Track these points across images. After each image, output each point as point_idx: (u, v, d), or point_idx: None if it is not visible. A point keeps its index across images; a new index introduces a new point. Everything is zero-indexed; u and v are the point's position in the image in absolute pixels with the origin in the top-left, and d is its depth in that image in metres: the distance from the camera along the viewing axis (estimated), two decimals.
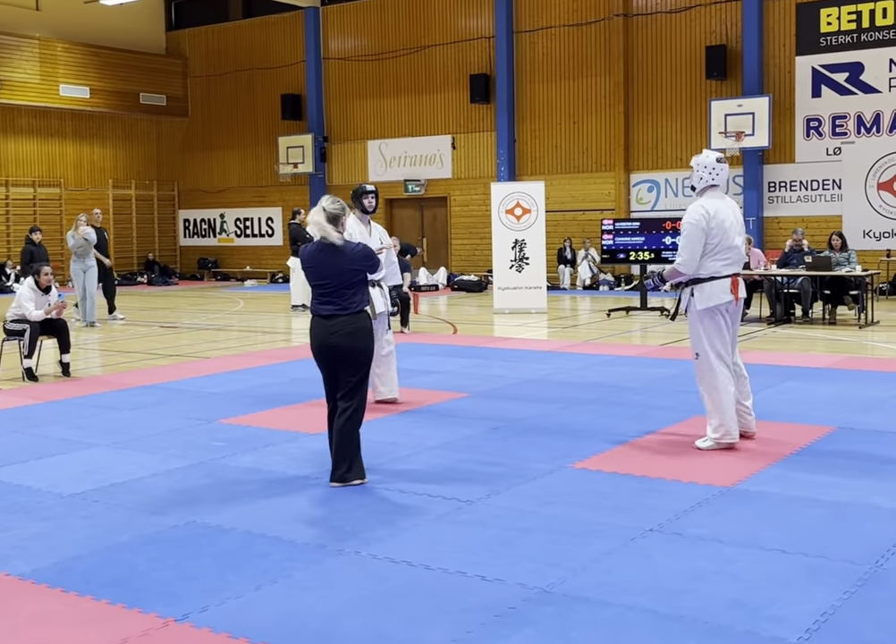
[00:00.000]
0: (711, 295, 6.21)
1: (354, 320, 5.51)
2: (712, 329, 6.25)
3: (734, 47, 19.13)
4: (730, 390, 6.25)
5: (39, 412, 8.01)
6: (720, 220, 6.18)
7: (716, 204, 6.24)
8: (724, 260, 6.24)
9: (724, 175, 6.31)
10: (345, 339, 5.48)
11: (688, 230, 6.19)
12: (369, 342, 5.59)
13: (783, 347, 11.27)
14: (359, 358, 5.53)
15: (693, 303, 6.28)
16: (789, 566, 4.18)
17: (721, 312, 6.26)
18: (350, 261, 5.49)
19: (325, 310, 5.55)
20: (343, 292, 5.50)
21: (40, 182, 24.38)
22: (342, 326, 5.49)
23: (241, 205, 26.30)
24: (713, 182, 6.32)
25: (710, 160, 6.32)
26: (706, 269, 6.22)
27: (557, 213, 20.91)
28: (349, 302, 5.51)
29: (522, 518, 4.90)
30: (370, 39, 23.45)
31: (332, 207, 5.56)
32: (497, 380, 9.13)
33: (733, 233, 6.25)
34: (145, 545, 4.63)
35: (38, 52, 23.40)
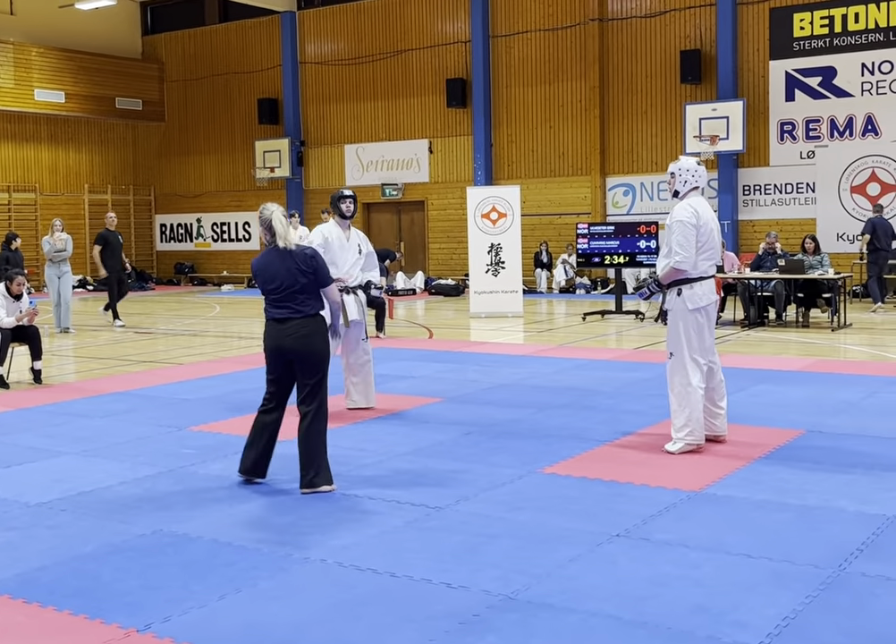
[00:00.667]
0: (702, 295, 6.29)
1: (308, 323, 5.54)
2: (694, 329, 6.29)
3: (708, 52, 19.25)
4: (699, 393, 6.29)
5: (9, 420, 7.95)
6: (706, 219, 6.31)
7: (701, 203, 6.38)
8: (710, 260, 6.37)
9: (705, 178, 6.51)
10: (299, 342, 5.50)
11: (680, 228, 6.25)
12: (324, 345, 5.60)
13: (756, 350, 11.34)
14: (314, 361, 5.55)
15: (681, 303, 6.32)
16: (753, 571, 4.20)
17: (707, 312, 6.34)
18: (297, 263, 5.51)
19: (278, 314, 5.57)
20: (295, 295, 5.52)
21: (15, 187, 24.22)
22: (295, 329, 5.51)
23: (218, 209, 26.21)
24: (696, 184, 6.46)
25: (692, 164, 6.48)
26: (697, 269, 6.29)
27: (534, 217, 20.97)
28: (302, 305, 5.53)
29: (490, 524, 4.91)
30: (347, 44, 23.44)
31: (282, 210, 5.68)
32: (471, 385, 9.14)
33: (715, 232, 6.40)
34: (110, 554, 4.61)
35: (13, 56, 23.25)
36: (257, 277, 5.70)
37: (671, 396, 6.39)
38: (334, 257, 7.78)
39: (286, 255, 5.54)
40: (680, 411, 6.30)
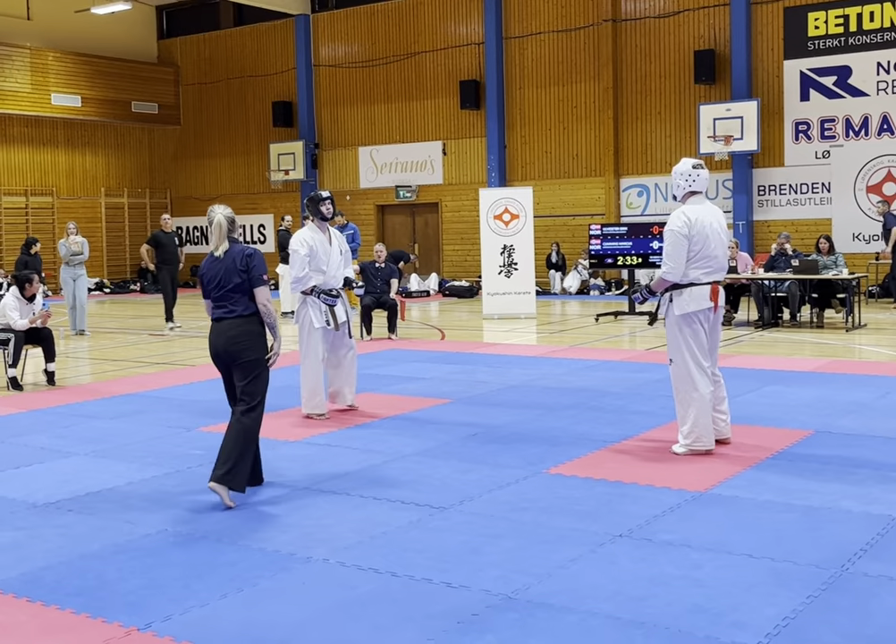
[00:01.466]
0: (690, 301, 6.22)
1: (241, 323, 5.45)
2: (689, 335, 6.25)
3: (722, 52, 19.18)
4: (705, 398, 6.25)
5: (22, 421, 8.02)
6: (700, 227, 6.18)
7: (698, 211, 6.23)
8: (706, 268, 6.23)
9: (703, 181, 6.28)
10: (230, 342, 5.43)
11: (670, 238, 6.19)
12: (256, 345, 5.46)
13: (769, 351, 11.29)
14: (245, 361, 5.43)
15: (671, 309, 6.29)
16: (754, 571, 4.18)
17: (699, 319, 6.26)
18: (234, 261, 5.45)
19: (216, 314, 5.53)
20: (230, 294, 5.45)
21: (32, 190, 24.39)
22: (226, 329, 5.45)
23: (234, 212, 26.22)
24: (691, 189, 6.31)
25: (686, 167, 6.30)
26: (686, 277, 6.22)
27: (547, 218, 20.95)
28: (235, 305, 5.46)
29: (492, 524, 4.91)
30: (361, 46, 23.50)
31: (227, 212, 5.58)
32: (481, 386, 9.14)
33: (714, 241, 6.23)
34: (115, 554, 4.64)
35: (30, 61, 23.43)
36: (200, 278, 5.61)
37: (676, 401, 6.37)
38: (320, 263, 7.69)
39: (225, 256, 5.49)
40: (687, 418, 6.27)
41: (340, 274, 7.89)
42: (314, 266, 7.68)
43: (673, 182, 6.39)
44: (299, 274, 7.66)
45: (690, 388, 6.24)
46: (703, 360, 6.27)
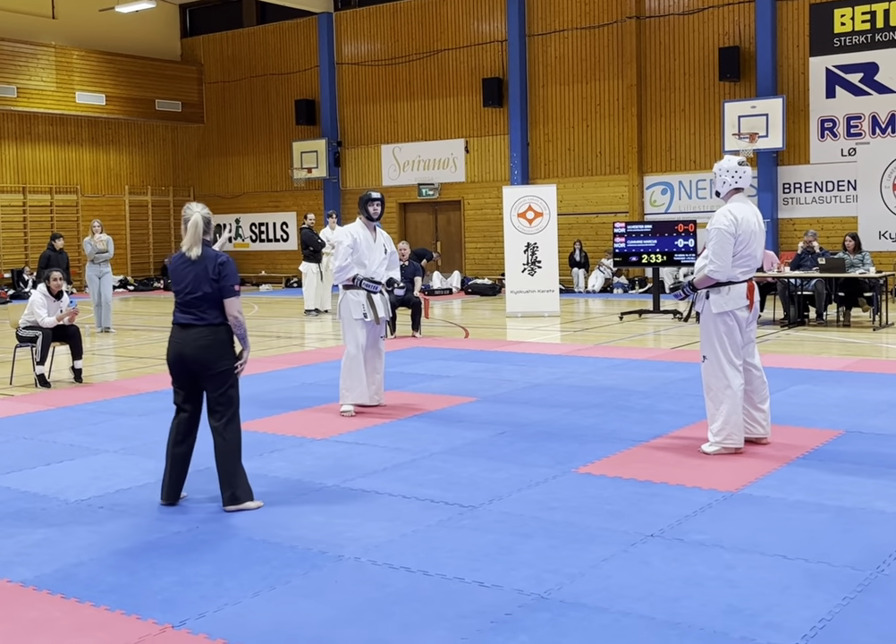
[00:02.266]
0: (728, 300, 6.20)
1: (211, 332, 5.26)
2: (724, 332, 6.23)
3: (747, 49, 19.06)
4: (737, 395, 6.22)
5: (50, 418, 8.07)
6: (746, 226, 6.17)
7: (743, 209, 6.22)
8: (744, 267, 6.23)
9: (747, 178, 6.31)
10: (201, 351, 5.23)
11: (717, 236, 6.16)
12: (228, 355, 5.30)
13: (796, 350, 11.22)
14: (219, 372, 5.27)
15: (708, 306, 6.27)
16: (789, 572, 4.15)
17: (735, 316, 6.24)
18: (206, 269, 5.23)
19: (183, 319, 5.31)
20: (199, 302, 5.24)
21: (57, 188, 24.55)
22: (196, 338, 5.25)
23: (256, 210, 26.40)
24: (737, 185, 6.31)
25: (732, 164, 6.31)
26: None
27: (570, 216, 20.90)
28: (205, 313, 5.25)
29: (523, 523, 4.90)
30: (383, 44, 23.50)
31: (205, 212, 5.32)
32: (506, 384, 9.13)
33: (755, 241, 6.24)
34: (147, 551, 4.66)
35: (55, 60, 23.58)
36: (170, 276, 5.46)
37: (706, 399, 6.33)
38: (362, 257, 7.87)
39: (197, 260, 5.26)
40: (718, 416, 6.24)
41: (382, 271, 7.98)
42: (356, 259, 7.81)
43: (718, 178, 6.36)
44: (342, 263, 7.79)
45: (723, 385, 6.20)
46: (735, 358, 6.23)
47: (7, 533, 4.98)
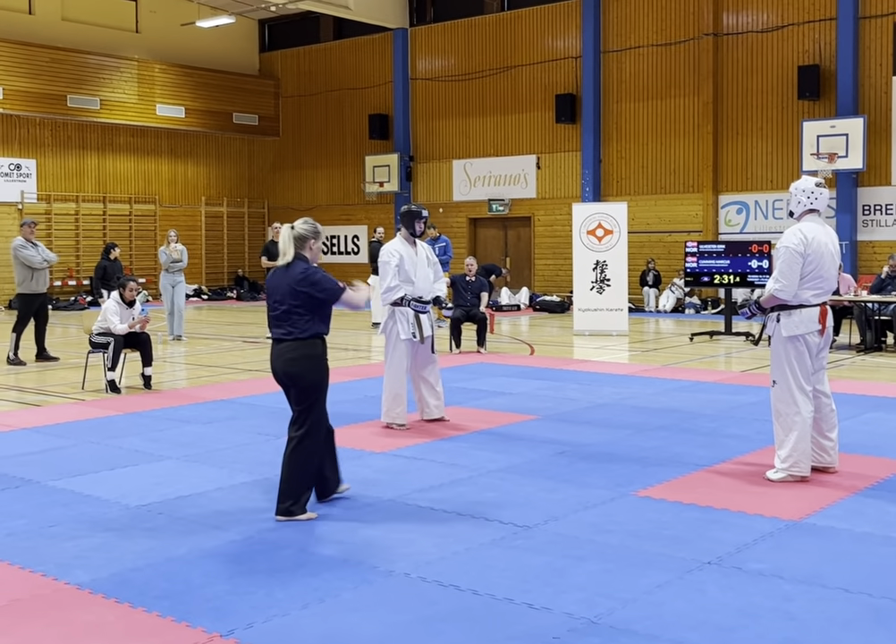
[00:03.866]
0: (799, 323, 6.06)
1: (297, 347, 5.30)
2: (794, 357, 6.08)
3: (828, 67, 18.70)
4: (807, 422, 6.06)
5: (118, 424, 8.22)
6: (816, 246, 6.03)
7: (815, 229, 6.09)
8: (816, 289, 6.08)
9: (824, 200, 6.18)
10: (287, 365, 5.32)
11: (785, 255, 6.05)
12: (313, 370, 5.33)
13: (871, 376, 10.92)
14: (301, 386, 5.33)
15: (778, 330, 6.13)
16: (850, 606, 4.02)
17: (805, 341, 6.09)
18: (291, 282, 5.29)
19: (274, 334, 5.41)
20: (287, 315, 5.31)
21: (136, 198, 25.13)
22: (283, 352, 5.34)
23: (329, 223, 26.64)
24: (811, 207, 6.18)
25: (809, 184, 6.20)
26: (797, 298, 6.07)
27: (643, 234, 20.69)
28: (292, 327, 5.30)
29: (578, 546, 4.83)
30: (457, 60, 23.61)
31: (301, 228, 5.40)
32: (569, 403, 9.04)
33: (828, 262, 6.09)
34: (202, 558, 4.70)
35: (137, 73, 24.19)
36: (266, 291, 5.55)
37: (775, 424, 6.18)
38: (409, 274, 7.85)
39: (284, 272, 5.35)
40: (786, 443, 6.09)
41: (429, 287, 7.97)
42: (403, 276, 7.80)
43: (793, 198, 6.24)
44: (390, 284, 7.77)
45: (792, 412, 6.05)
46: (805, 384, 6.08)
47: (68, 536, 5.07)
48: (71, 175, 23.93)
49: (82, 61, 23.18)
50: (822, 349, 6.21)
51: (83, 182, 24.17)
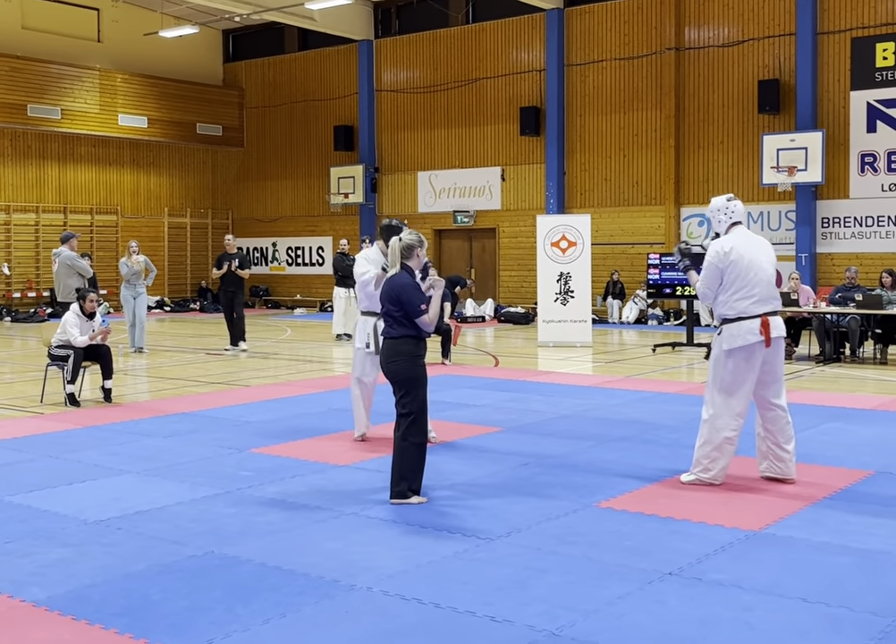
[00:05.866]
0: (737, 336, 6.15)
1: (395, 344, 5.94)
2: (730, 371, 6.17)
3: (787, 82, 18.97)
4: (731, 436, 6.19)
5: (77, 438, 8.12)
6: (736, 256, 6.16)
7: (737, 240, 6.26)
8: (751, 298, 6.16)
9: (741, 211, 6.42)
10: (387, 360, 5.95)
11: (706, 266, 6.29)
12: (408, 364, 5.87)
13: (830, 387, 11.04)
14: (399, 379, 5.88)
15: (719, 342, 6.24)
16: (808, 616, 4.06)
17: (747, 354, 6.13)
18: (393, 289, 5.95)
19: (384, 331, 6.11)
20: (387, 318, 6.00)
21: (98, 209, 24.91)
22: (387, 348, 6.00)
23: (293, 234, 26.61)
24: (733, 220, 6.38)
25: (721, 202, 6.43)
26: (734, 309, 6.17)
27: (606, 246, 20.83)
28: (391, 328, 5.97)
29: (540, 557, 4.83)
30: (422, 72, 23.68)
31: (407, 238, 6.06)
32: (533, 415, 9.06)
33: (755, 269, 6.17)
34: (160, 574, 4.65)
35: (99, 82, 24.01)
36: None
37: (699, 431, 6.33)
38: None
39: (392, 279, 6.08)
40: (703, 446, 6.26)
41: None
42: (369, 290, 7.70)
43: (713, 220, 6.48)
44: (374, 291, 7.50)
45: (717, 424, 6.20)
46: (736, 400, 6.17)
47: (24, 552, 5.00)
48: (31, 186, 23.69)
49: (43, 70, 22.97)
50: (770, 362, 6.22)
51: (44, 193, 23.93)
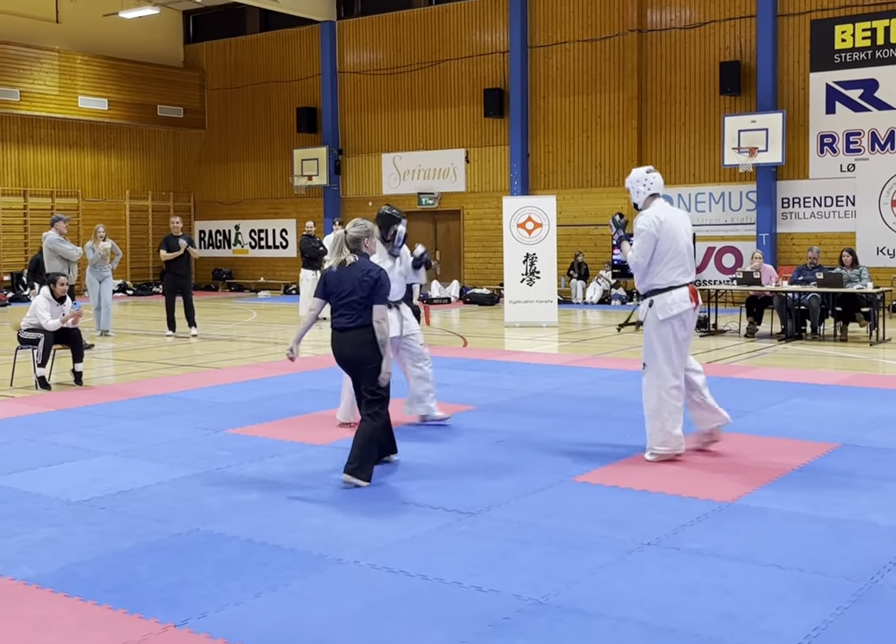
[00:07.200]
0: (672, 304, 6.32)
1: (363, 333, 5.85)
2: (669, 339, 6.32)
3: (748, 63, 19.17)
4: (677, 406, 6.33)
5: (51, 420, 8.11)
6: (668, 227, 6.35)
7: (665, 211, 6.44)
8: (680, 267, 6.38)
9: (659, 183, 6.54)
10: (358, 350, 5.87)
11: (641, 236, 6.36)
12: (374, 352, 5.84)
13: (793, 363, 11.27)
14: (372, 368, 5.84)
15: (652, 315, 6.37)
16: (784, 581, 4.21)
17: (681, 320, 6.34)
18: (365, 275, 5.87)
19: (338, 323, 5.95)
20: (356, 305, 5.86)
21: (58, 192, 24.60)
22: (354, 338, 5.87)
23: (256, 217, 26.48)
24: (651, 191, 6.52)
25: (641, 173, 6.59)
26: (664, 279, 6.36)
27: (570, 227, 20.97)
28: (360, 316, 5.85)
29: (521, 530, 4.95)
30: (385, 53, 23.62)
31: (353, 231, 5.96)
32: (505, 393, 9.18)
33: (682, 241, 6.41)
34: (148, 552, 4.70)
35: (58, 64, 23.66)
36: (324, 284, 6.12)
37: (645, 407, 6.43)
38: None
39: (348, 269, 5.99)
40: (656, 423, 6.34)
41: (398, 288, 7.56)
42: None
43: (632, 191, 6.59)
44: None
45: (662, 392, 6.30)
46: (678, 365, 6.33)
47: (11, 532, 5.03)
48: None
49: (0, 51, 22.58)
50: (690, 325, 6.44)
51: (2, 176, 23.59)
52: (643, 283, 6.44)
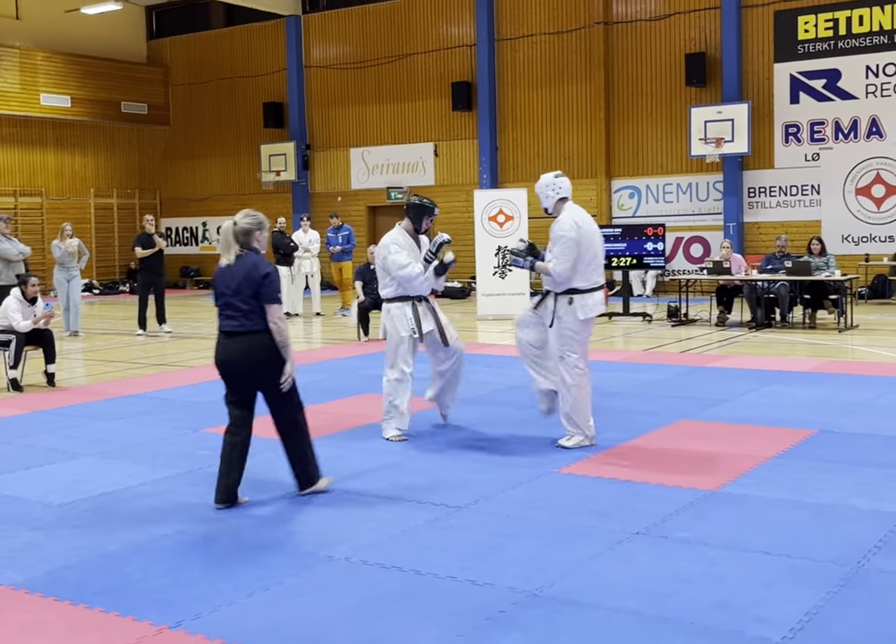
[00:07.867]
0: (594, 306, 6.55)
1: (255, 339, 5.33)
2: (586, 336, 6.61)
3: (713, 55, 19.30)
4: (589, 392, 6.59)
5: (26, 422, 8.01)
6: (586, 228, 6.50)
7: (579, 214, 6.57)
8: (598, 268, 6.59)
9: (567, 187, 6.63)
10: (249, 360, 5.34)
11: (563, 241, 6.44)
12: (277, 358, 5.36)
13: (764, 351, 11.39)
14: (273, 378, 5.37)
15: (573, 312, 6.49)
16: (773, 568, 4.25)
17: (593, 321, 6.63)
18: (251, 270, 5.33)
19: (226, 326, 5.39)
20: (241, 308, 5.32)
21: (21, 191, 24.28)
22: (243, 344, 5.33)
23: (224, 213, 26.22)
24: (560, 195, 6.63)
25: (549, 179, 6.69)
26: (587, 280, 6.52)
27: (541, 219, 20.98)
28: (248, 320, 5.31)
29: (510, 523, 4.96)
30: (352, 47, 23.51)
31: (244, 223, 5.44)
32: (483, 386, 9.19)
33: (598, 241, 6.60)
34: (136, 554, 4.66)
35: (19, 61, 23.32)
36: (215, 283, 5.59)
37: (565, 394, 6.54)
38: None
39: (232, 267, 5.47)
40: (576, 408, 6.52)
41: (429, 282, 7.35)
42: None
43: (542, 196, 6.68)
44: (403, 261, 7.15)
45: (582, 383, 6.51)
46: (586, 358, 6.61)
47: None
48: None
49: None
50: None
51: None
52: (566, 284, 6.49)
